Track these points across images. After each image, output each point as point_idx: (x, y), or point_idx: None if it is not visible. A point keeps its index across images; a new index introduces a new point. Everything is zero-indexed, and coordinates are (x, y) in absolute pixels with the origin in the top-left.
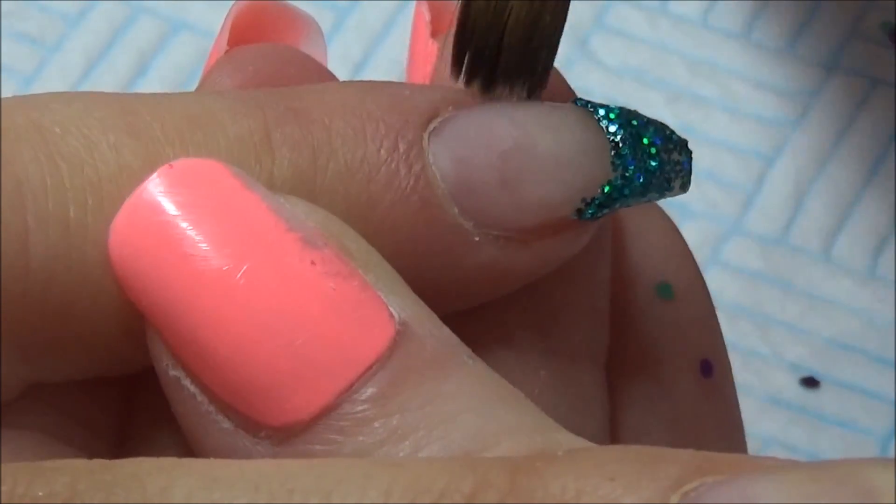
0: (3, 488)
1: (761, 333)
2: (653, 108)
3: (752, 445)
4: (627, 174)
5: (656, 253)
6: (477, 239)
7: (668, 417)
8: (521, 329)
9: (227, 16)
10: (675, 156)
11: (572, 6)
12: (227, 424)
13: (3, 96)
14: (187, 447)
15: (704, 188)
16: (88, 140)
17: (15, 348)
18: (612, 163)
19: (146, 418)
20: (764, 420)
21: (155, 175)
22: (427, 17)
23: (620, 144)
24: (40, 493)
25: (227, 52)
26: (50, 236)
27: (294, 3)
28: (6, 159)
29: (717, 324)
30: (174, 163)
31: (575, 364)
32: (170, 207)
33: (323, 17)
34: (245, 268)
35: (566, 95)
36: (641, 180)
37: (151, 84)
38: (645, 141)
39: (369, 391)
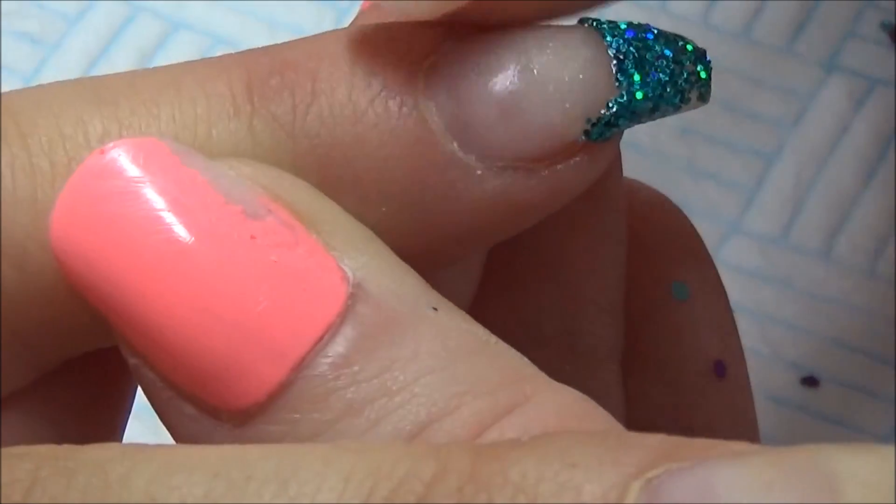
0: None
1: (761, 333)
2: None
3: None
4: (633, 89)
5: (673, 252)
6: (480, 172)
7: (680, 417)
8: (551, 326)
9: None
10: (690, 66)
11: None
12: (189, 410)
13: None
14: None
15: (704, 187)
16: (58, 118)
17: (8, 332)
18: (617, 79)
19: None
20: (764, 419)
21: (89, 158)
22: None
23: (623, 59)
24: (3, 480)
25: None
26: (20, 217)
27: (296, 3)
28: None
29: (733, 324)
30: (108, 145)
31: (595, 360)
32: (106, 190)
33: (323, 16)
34: (185, 245)
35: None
36: (649, 95)
37: None
38: (652, 55)
39: (322, 366)
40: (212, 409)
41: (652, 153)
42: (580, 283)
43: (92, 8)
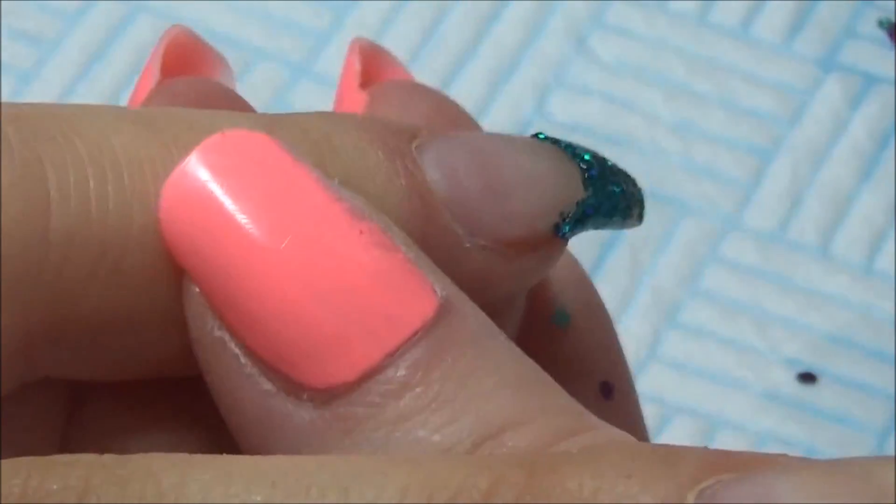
0: (15, 481)
1: (759, 329)
2: (651, 104)
3: (749, 441)
4: (599, 193)
5: (554, 282)
6: (468, 245)
7: None
8: None
9: (158, 44)
10: (631, 187)
11: (571, 4)
12: (268, 386)
13: (1, 94)
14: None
15: (702, 184)
16: (104, 125)
17: (22, 333)
18: (584, 183)
19: (90, 433)
20: (761, 416)
21: (205, 143)
22: (357, 67)
23: (589, 168)
24: (55, 487)
25: (161, 80)
26: (71, 208)
27: (295, 3)
28: (24, 140)
29: (619, 347)
30: (224, 132)
31: None
32: (219, 173)
33: (322, 16)
34: (293, 233)
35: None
36: (611, 200)
37: None
38: (608, 168)
39: (413, 357)
40: (296, 387)
41: (649, 150)
42: None
43: (91, 7)
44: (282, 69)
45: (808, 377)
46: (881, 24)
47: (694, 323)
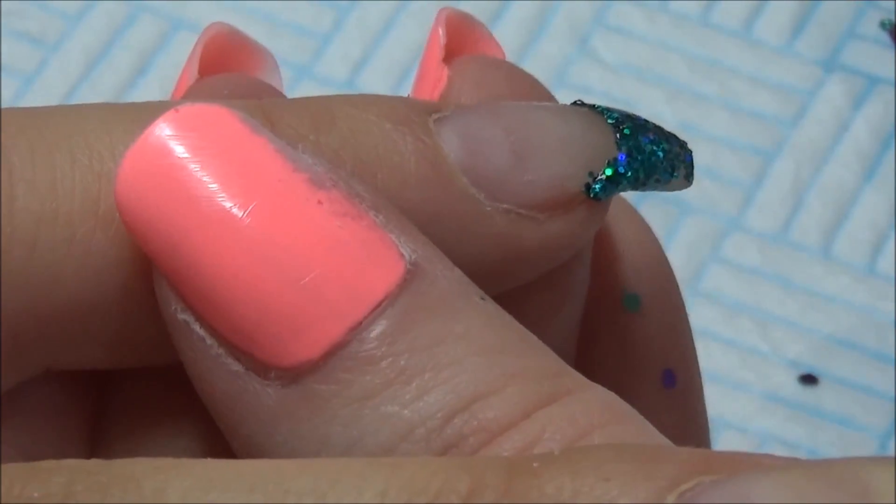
0: None
1: (760, 330)
2: (653, 105)
3: (751, 442)
4: (632, 152)
5: (628, 263)
6: (488, 209)
7: None
8: None
9: (197, 43)
10: (676, 148)
11: (573, 5)
12: (236, 367)
13: (3, 95)
14: (162, 451)
15: (704, 185)
16: (77, 116)
17: (4, 329)
18: (616, 142)
19: (119, 424)
20: (762, 417)
21: (160, 119)
22: (443, 40)
23: (622, 126)
24: (36, 494)
25: (198, 79)
26: (37, 190)
27: (296, 3)
28: None
29: (688, 335)
30: (180, 107)
31: None
32: (176, 150)
33: (323, 16)
34: (251, 207)
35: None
36: (648, 159)
37: (152, 83)
38: (645, 128)
39: (378, 329)
40: (262, 367)
41: None
42: (530, 290)
43: (92, 7)
44: (284, 70)
45: (809, 379)
46: (883, 24)
47: (695, 324)
